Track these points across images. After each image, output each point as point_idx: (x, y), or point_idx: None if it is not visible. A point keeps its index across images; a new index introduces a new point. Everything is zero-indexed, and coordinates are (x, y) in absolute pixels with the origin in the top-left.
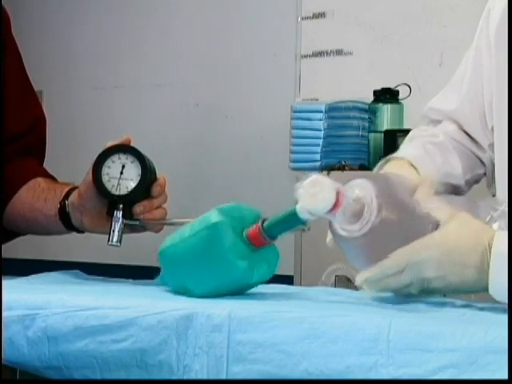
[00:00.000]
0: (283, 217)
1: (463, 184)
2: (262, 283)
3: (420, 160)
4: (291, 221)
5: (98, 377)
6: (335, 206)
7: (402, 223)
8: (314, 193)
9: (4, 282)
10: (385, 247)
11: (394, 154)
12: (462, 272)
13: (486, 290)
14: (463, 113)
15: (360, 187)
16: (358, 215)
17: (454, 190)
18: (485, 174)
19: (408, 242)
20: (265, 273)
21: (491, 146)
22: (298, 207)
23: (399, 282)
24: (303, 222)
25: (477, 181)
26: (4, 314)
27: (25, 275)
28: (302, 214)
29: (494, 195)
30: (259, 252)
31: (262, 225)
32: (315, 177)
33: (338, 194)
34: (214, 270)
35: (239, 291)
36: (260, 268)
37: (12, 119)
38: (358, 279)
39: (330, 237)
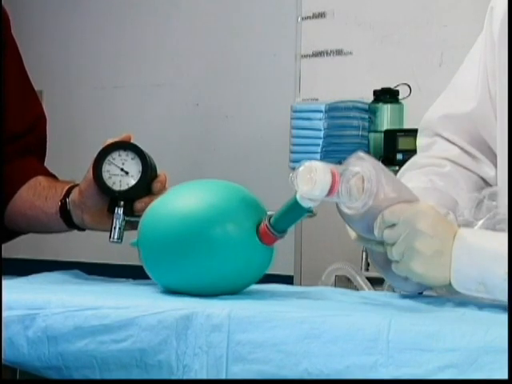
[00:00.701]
0: (287, 209)
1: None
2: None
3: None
4: (295, 211)
5: (98, 377)
6: (333, 187)
7: (401, 192)
8: (310, 178)
9: (4, 282)
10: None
11: None
12: (445, 240)
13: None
14: (482, 113)
15: (357, 163)
16: (359, 190)
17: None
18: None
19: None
20: (255, 275)
21: None
22: (298, 196)
23: (390, 235)
24: (307, 210)
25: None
26: (4, 314)
27: (25, 275)
28: (304, 202)
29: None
30: (251, 254)
31: (269, 222)
32: (308, 163)
33: (333, 174)
34: (202, 270)
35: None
36: (252, 270)
37: (12, 119)
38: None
39: (353, 234)
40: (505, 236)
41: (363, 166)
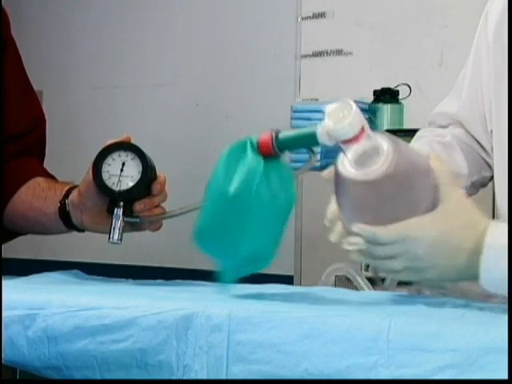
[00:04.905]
0: (300, 133)
1: (469, 185)
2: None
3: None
4: (306, 139)
5: (98, 377)
6: (357, 137)
7: (410, 181)
8: (342, 117)
9: (4, 282)
10: (385, 205)
11: None
12: (454, 255)
13: (474, 278)
14: (464, 115)
15: (379, 137)
16: (370, 160)
17: None
18: (491, 177)
19: (409, 207)
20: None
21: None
22: (320, 127)
23: (385, 252)
24: (316, 145)
25: (483, 184)
26: (4, 314)
27: (25, 275)
28: (321, 135)
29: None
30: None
31: (277, 134)
32: (348, 101)
33: (362, 127)
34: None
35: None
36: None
37: (12, 119)
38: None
39: (327, 171)
40: None
41: (384, 141)
